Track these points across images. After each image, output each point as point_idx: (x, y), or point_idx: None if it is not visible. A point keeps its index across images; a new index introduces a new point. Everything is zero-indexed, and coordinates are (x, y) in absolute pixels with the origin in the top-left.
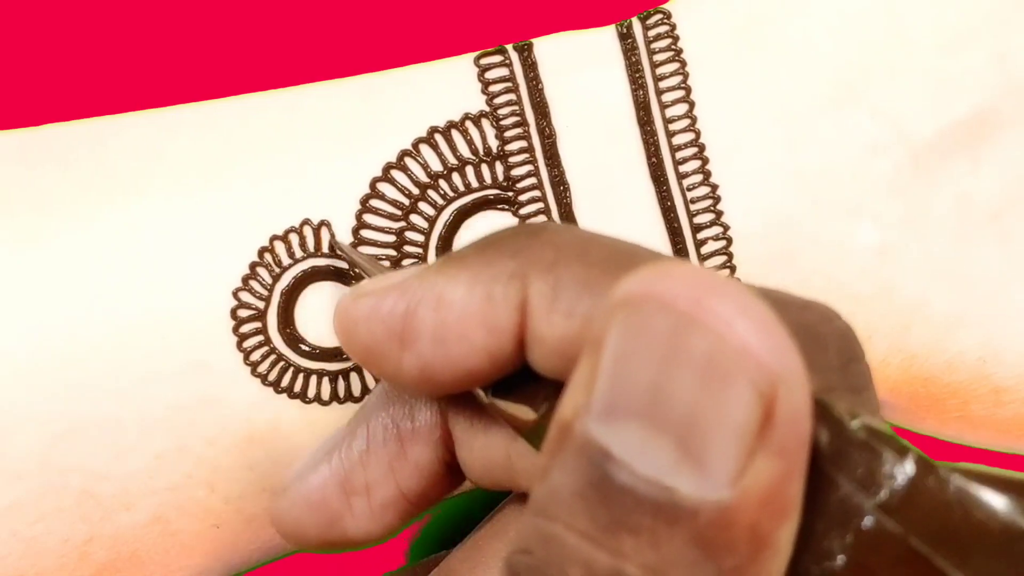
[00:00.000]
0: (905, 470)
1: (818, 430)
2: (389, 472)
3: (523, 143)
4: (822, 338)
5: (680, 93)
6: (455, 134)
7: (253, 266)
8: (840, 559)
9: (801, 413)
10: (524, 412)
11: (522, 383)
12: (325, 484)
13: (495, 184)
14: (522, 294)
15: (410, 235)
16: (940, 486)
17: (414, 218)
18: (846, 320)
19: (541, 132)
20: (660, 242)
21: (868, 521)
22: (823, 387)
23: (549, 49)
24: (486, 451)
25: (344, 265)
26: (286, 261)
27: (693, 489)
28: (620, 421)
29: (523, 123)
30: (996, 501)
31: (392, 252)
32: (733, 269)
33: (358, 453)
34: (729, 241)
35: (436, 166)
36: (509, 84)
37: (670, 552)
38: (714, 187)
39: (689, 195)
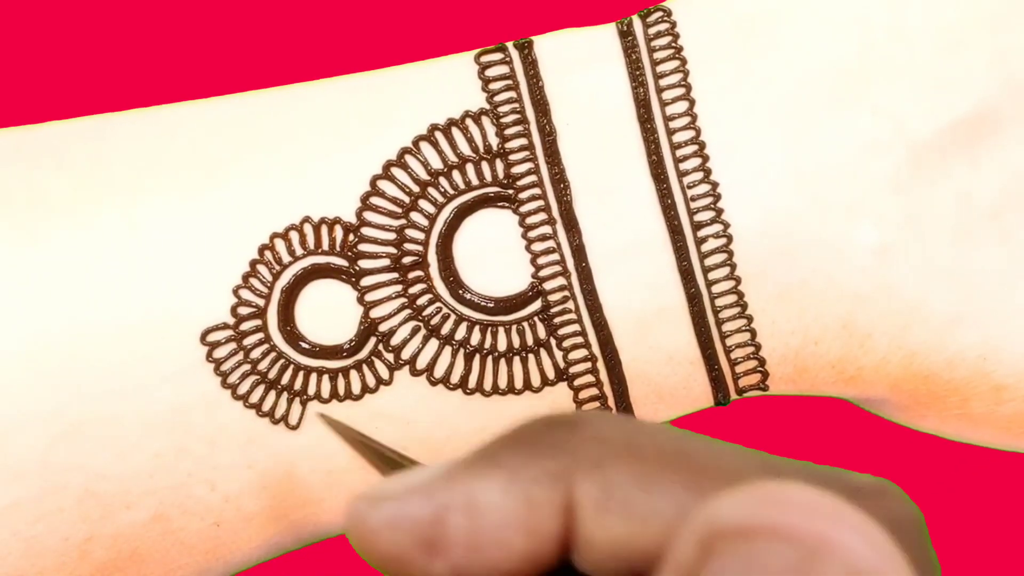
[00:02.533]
0: None
1: None
2: None
3: (523, 141)
4: (907, 531)
5: (680, 91)
6: (455, 132)
7: (253, 264)
8: None
9: None
10: None
11: None
12: None
13: (495, 182)
14: (567, 496)
15: (410, 232)
16: None
17: (415, 215)
18: (912, 503)
19: (541, 130)
20: (660, 241)
21: None
22: None
23: (549, 47)
24: None
25: (345, 263)
26: (286, 259)
27: None
28: None
29: (523, 121)
30: None
31: (392, 249)
32: (733, 267)
33: None
34: (729, 239)
35: (436, 163)
36: (509, 82)
37: None
38: (714, 185)
39: (689, 193)
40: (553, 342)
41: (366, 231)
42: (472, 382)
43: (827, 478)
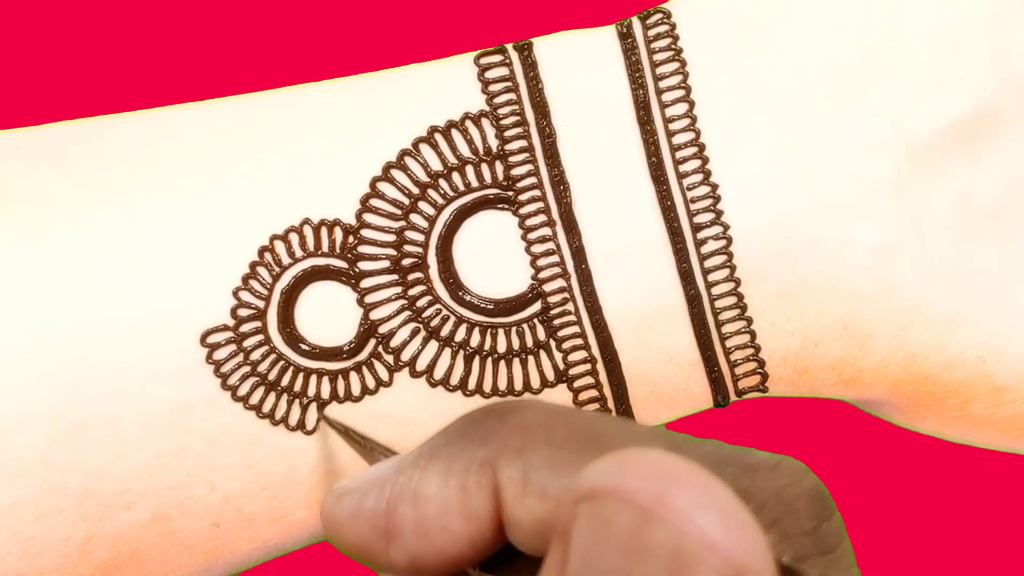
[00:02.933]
0: None
1: None
2: None
3: (523, 142)
4: (793, 502)
5: (680, 92)
6: (455, 133)
7: (253, 265)
8: None
9: None
10: None
11: (510, 557)
12: None
13: (495, 183)
14: (493, 481)
15: (410, 234)
16: None
17: (414, 217)
18: (814, 477)
19: (541, 131)
20: (660, 242)
21: None
22: (797, 555)
23: (549, 48)
24: None
25: (344, 264)
26: (286, 260)
27: None
28: None
29: (523, 123)
30: None
31: (392, 251)
32: (733, 268)
33: None
34: (729, 241)
35: (436, 165)
36: (509, 84)
37: None
38: (714, 186)
39: (689, 195)
40: (553, 344)
41: (366, 233)
42: (472, 384)
43: (723, 457)
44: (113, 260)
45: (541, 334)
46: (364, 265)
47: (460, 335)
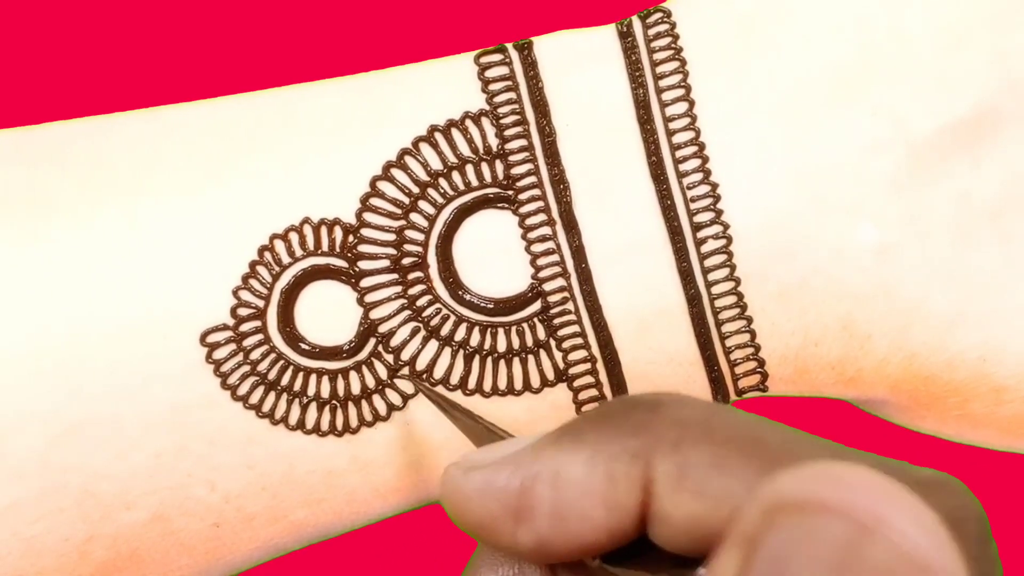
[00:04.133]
0: None
1: None
2: None
3: (523, 142)
4: (963, 524)
5: (680, 92)
6: (455, 132)
7: (253, 265)
8: None
9: None
10: None
11: (635, 552)
12: None
13: (495, 183)
14: (645, 474)
15: (410, 234)
16: None
17: (414, 216)
18: (975, 499)
19: (541, 131)
20: (660, 241)
21: None
22: None
23: (549, 48)
24: None
25: (344, 264)
26: (286, 260)
27: None
28: None
29: (523, 122)
30: None
31: (392, 251)
32: (733, 268)
33: None
34: (729, 240)
35: (436, 164)
36: (509, 83)
37: None
38: (714, 186)
39: (689, 194)
40: (553, 343)
41: (366, 232)
42: (472, 383)
43: (890, 467)
44: (113, 260)
45: (541, 333)
46: (364, 264)
47: (460, 334)
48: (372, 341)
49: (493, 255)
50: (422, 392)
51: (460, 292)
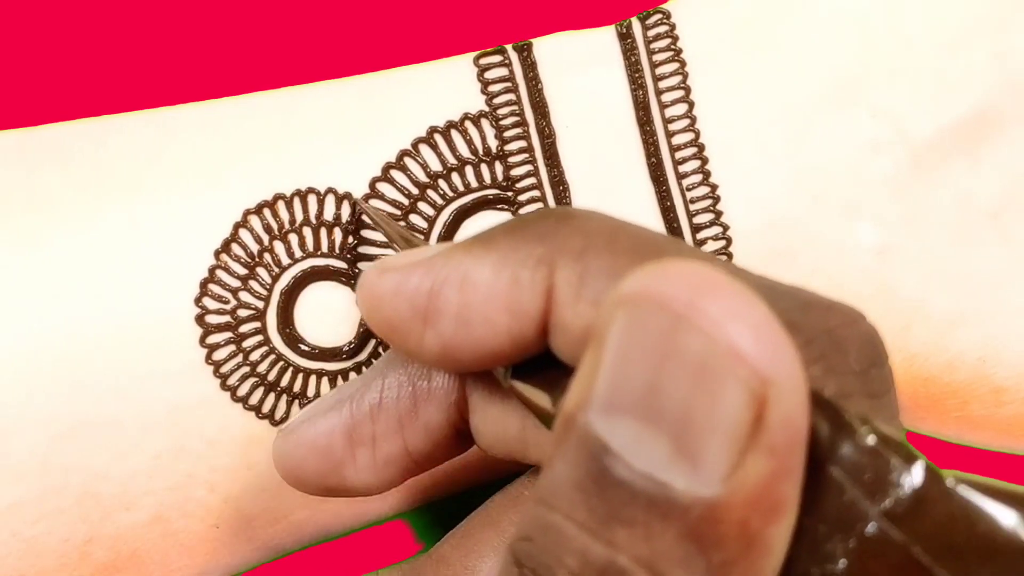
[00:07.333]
0: (912, 479)
1: (828, 434)
2: (398, 428)
3: (523, 143)
4: (843, 341)
5: (680, 93)
6: (455, 134)
7: (253, 266)
8: (841, 563)
9: (795, 415)
10: (541, 399)
11: (543, 367)
12: (332, 431)
13: (495, 184)
14: (549, 280)
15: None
16: (946, 497)
17: (414, 218)
18: (872, 323)
19: (541, 132)
20: None
21: (871, 528)
22: (839, 392)
23: (549, 49)
24: (501, 421)
25: (344, 265)
26: (285, 261)
27: (685, 485)
28: (618, 416)
29: (523, 123)
30: (1002, 515)
31: (392, 252)
32: None
33: (369, 405)
34: (729, 241)
35: (436, 166)
36: (508, 84)
37: (662, 545)
38: (714, 187)
39: (689, 195)
40: None
41: (366, 233)
42: None
43: (778, 290)
44: (113, 260)
45: None
46: (364, 265)
47: None
48: (372, 342)
49: None
50: (359, 206)
51: None
